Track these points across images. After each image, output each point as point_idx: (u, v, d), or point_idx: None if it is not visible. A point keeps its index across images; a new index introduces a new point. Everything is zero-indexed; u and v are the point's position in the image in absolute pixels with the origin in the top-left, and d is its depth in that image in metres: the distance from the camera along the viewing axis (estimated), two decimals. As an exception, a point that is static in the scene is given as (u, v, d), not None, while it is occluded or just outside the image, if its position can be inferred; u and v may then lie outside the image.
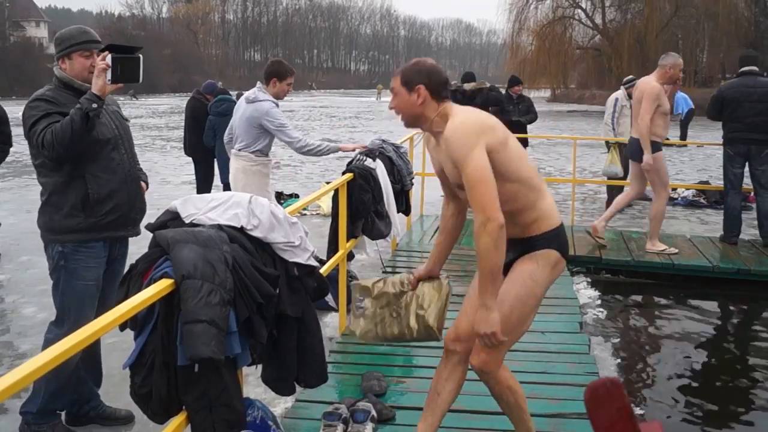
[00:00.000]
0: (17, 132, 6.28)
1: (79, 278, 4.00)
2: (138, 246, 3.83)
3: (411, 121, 3.33)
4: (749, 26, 49.67)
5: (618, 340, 6.40)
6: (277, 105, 6.54)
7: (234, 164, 6.67)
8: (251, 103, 6.47)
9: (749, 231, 10.06)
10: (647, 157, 7.81)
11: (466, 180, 3.07)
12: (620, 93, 11.67)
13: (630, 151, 8.38)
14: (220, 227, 3.11)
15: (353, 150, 6.67)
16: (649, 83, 7.98)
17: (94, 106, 3.69)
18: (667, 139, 12.43)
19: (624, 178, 11.71)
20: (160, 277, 2.82)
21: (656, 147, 7.97)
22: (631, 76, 12.33)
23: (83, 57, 3.94)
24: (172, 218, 3.27)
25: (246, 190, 6.60)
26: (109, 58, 3.68)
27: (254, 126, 6.42)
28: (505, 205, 3.11)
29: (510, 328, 3.24)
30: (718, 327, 7.21)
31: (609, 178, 11.22)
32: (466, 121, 3.16)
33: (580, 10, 53.85)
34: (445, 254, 3.79)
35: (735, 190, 8.90)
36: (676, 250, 8.42)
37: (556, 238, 3.40)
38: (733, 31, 45.40)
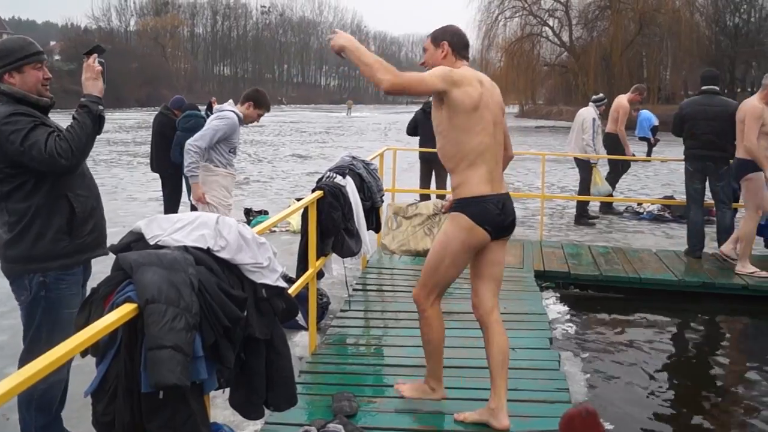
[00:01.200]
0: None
1: (64, 307, 3.78)
2: (101, 265, 3.74)
3: None
4: (710, 45, 50.61)
5: (587, 355, 6.38)
6: (239, 124, 6.63)
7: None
8: (217, 113, 6.58)
9: (712, 244, 10.11)
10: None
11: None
12: (594, 112, 11.64)
13: (736, 173, 8.41)
14: (185, 249, 3.04)
15: (198, 200, 6.58)
16: (751, 104, 8.16)
17: (101, 107, 3.63)
18: (633, 154, 12.57)
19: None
20: (123, 302, 2.73)
21: (754, 167, 8.05)
22: (601, 95, 12.41)
23: (36, 69, 3.73)
24: (136, 239, 3.18)
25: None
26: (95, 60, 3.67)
27: None
28: (442, 159, 4.05)
29: (427, 270, 4.19)
30: (685, 340, 7.25)
31: (597, 196, 11.38)
32: (454, 70, 3.93)
33: (547, 28, 54.56)
34: None
35: (697, 204, 8.98)
36: (767, 274, 8.19)
37: (468, 206, 3.98)
38: (694, 50, 46.18)
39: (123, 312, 2.63)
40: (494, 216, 4.01)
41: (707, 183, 8.88)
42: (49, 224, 3.71)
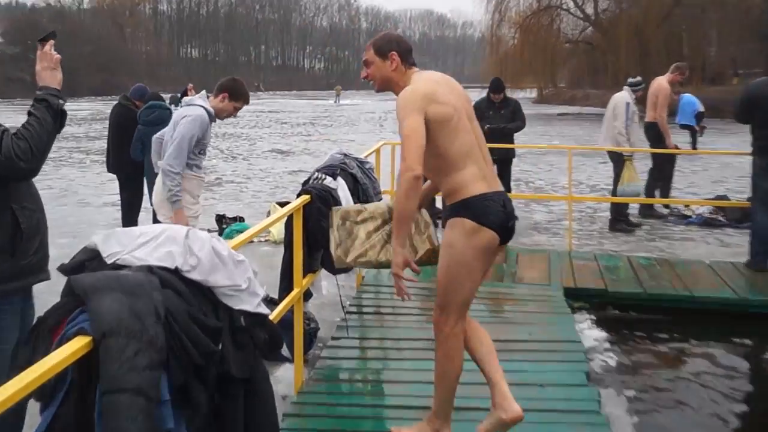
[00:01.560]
0: None
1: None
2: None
3: (383, 86, 4.41)
4: (762, 15, 50.52)
5: (633, 393, 6.27)
6: (211, 120, 6.58)
7: (159, 177, 6.68)
8: (185, 106, 6.54)
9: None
10: None
11: (400, 135, 4.05)
12: (629, 96, 11.64)
13: None
14: (150, 269, 3.01)
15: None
16: None
17: (62, 101, 3.64)
18: (676, 146, 12.53)
19: (647, 195, 11.75)
20: (75, 334, 2.66)
21: None
22: (638, 78, 12.31)
23: None
24: (90, 258, 3.17)
25: (162, 208, 6.53)
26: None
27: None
28: (428, 173, 4.20)
29: (443, 291, 4.26)
30: (751, 373, 7.13)
31: (624, 197, 11.29)
32: (416, 89, 4.15)
33: (569, -1, 54.59)
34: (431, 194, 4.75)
35: (766, 206, 8.87)
36: None
37: (464, 208, 4.12)
38: (744, 21, 46.21)
39: (75, 347, 2.56)
40: (498, 214, 4.15)
41: None
42: None
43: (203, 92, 6.79)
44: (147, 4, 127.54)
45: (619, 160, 11.51)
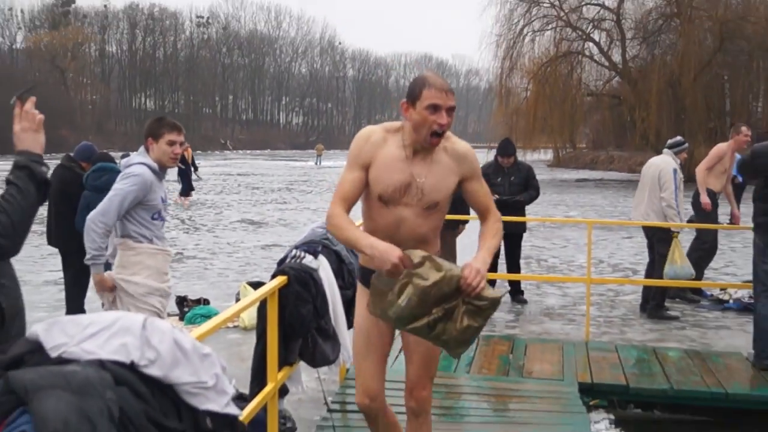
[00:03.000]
0: None
1: None
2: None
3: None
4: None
5: None
6: (156, 175, 6.66)
7: (118, 254, 6.73)
8: (125, 167, 6.64)
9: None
10: None
11: (484, 190, 4.87)
12: (673, 161, 11.70)
13: None
14: (101, 364, 3.03)
15: (103, 291, 6.64)
16: None
17: (45, 169, 3.66)
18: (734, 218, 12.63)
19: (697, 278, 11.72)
20: (15, 440, 2.73)
21: None
22: (679, 138, 12.34)
23: None
24: (31, 350, 3.16)
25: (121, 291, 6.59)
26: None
27: None
28: (438, 230, 4.96)
29: (433, 362, 4.91)
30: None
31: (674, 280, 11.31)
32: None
33: (592, 44, 54.82)
34: None
35: (767, 293, 8.86)
36: None
37: None
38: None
39: (15, 455, 2.63)
40: None
41: None
42: None
43: (141, 148, 6.77)
44: (92, 45, 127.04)
45: (665, 238, 11.48)
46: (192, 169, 34.57)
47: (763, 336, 8.83)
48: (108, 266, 6.67)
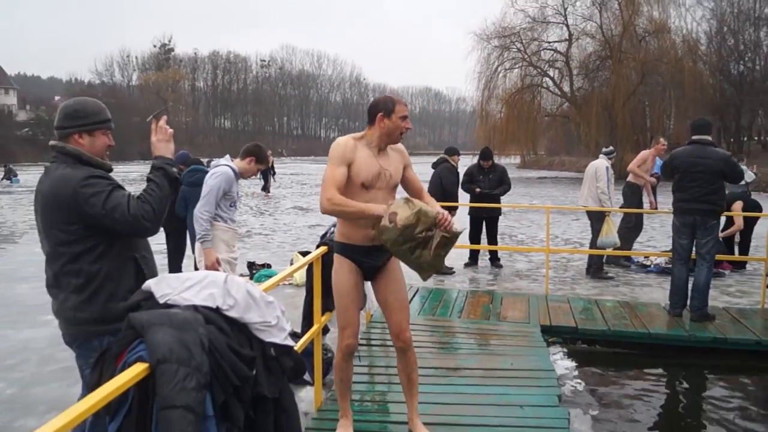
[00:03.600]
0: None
1: None
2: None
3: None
4: (714, 93, 51.02)
5: (597, 412, 6.34)
6: (236, 177, 6.76)
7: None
8: (213, 168, 6.69)
9: (722, 298, 10.12)
10: None
11: (413, 174, 4.95)
12: (606, 162, 11.84)
13: None
14: (195, 308, 3.06)
15: (211, 266, 6.65)
16: None
17: (175, 169, 3.70)
18: (654, 206, 12.64)
19: (622, 248, 11.77)
20: (135, 361, 2.75)
21: None
22: (611, 147, 12.59)
23: (105, 135, 3.78)
24: (145, 298, 3.20)
25: (200, 255, 6.67)
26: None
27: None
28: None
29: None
30: (698, 397, 7.19)
31: (602, 248, 11.35)
32: None
33: (548, 79, 55.01)
34: None
35: (682, 260, 8.77)
36: None
37: None
38: (698, 99, 46.57)
39: (135, 372, 2.65)
40: None
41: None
42: (119, 286, 3.71)
43: (227, 156, 6.96)
44: (186, 81, 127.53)
45: (599, 217, 11.54)
46: (272, 172, 34.87)
47: (677, 291, 8.79)
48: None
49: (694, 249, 8.70)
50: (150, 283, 3.23)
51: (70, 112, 3.71)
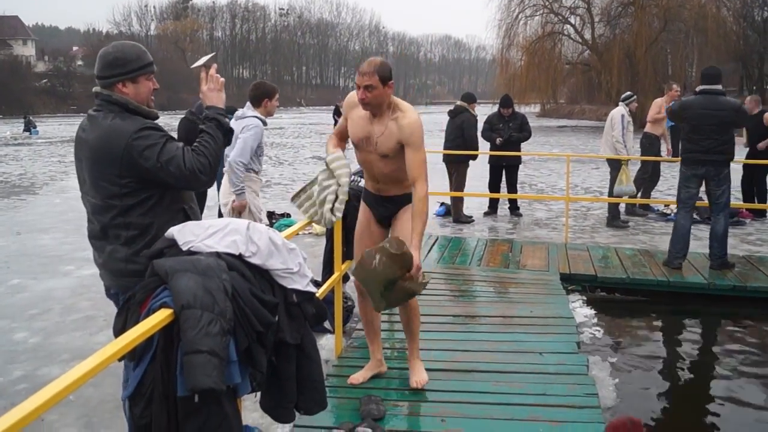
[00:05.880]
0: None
1: None
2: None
3: (376, 109, 4.50)
4: (737, 40, 50.09)
5: (616, 359, 6.37)
6: (264, 123, 6.87)
7: (224, 179, 6.99)
8: (239, 119, 6.72)
9: (742, 246, 10.09)
10: None
11: (418, 159, 4.42)
12: (623, 110, 11.59)
13: None
14: (218, 255, 3.07)
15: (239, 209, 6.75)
16: None
17: (227, 120, 3.60)
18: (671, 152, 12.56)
19: (636, 195, 11.74)
20: (159, 307, 2.80)
21: None
22: (628, 92, 12.31)
23: (149, 80, 3.61)
24: (169, 245, 3.22)
25: (226, 206, 6.76)
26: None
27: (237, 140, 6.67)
28: (398, 180, 4.67)
29: None
30: (715, 345, 7.20)
31: (618, 197, 11.29)
32: (419, 119, 4.51)
33: (569, 26, 54.22)
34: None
35: (687, 209, 8.70)
36: None
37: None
38: (722, 45, 45.75)
39: (159, 317, 2.70)
40: None
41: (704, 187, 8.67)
42: None
43: (248, 104, 6.98)
44: (205, 31, 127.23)
45: (616, 166, 11.44)
46: None
47: (680, 241, 8.68)
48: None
49: (705, 200, 8.66)
50: (173, 231, 3.25)
51: (110, 60, 3.52)
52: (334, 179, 4.73)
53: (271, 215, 11.97)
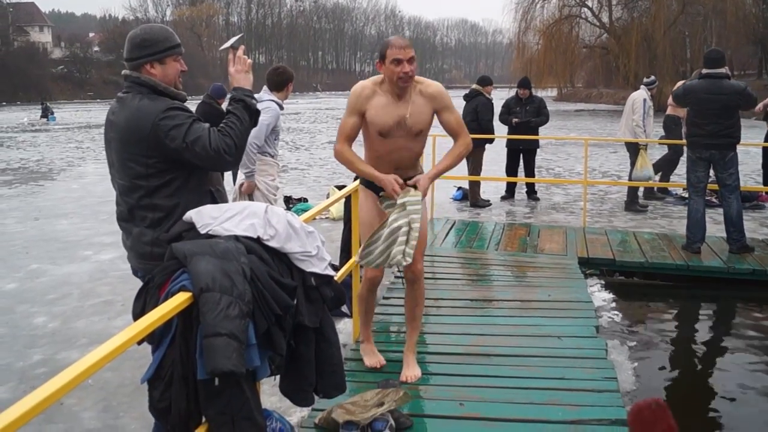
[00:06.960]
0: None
1: None
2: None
3: (409, 85, 4.46)
4: (757, 23, 49.58)
5: (635, 343, 6.35)
6: (281, 107, 6.83)
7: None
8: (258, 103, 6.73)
9: (762, 230, 10.02)
10: None
11: (456, 116, 4.65)
12: (645, 94, 11.52)
13: None
14: (236, 238, 3.08)
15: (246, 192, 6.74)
16: None
17: (255, 101, 3.58)
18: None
19: (656, 179, 11.65)
20: (178, 290, 2.80)
21: None
22: (652, 77, 12.21)
23: (176, 61, 3.57)
24: (187, 229, 3.23)
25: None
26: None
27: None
28: (417, 158, 4.75)
29: (425, 242, 4.93)
30: (733, 328, 7.16)
31: (637, 182, 11.20)
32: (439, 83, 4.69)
33: (586, 9, 53.90)
34: None
35: (698, 192, 8.66)
36: None
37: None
38: (741, 28, 45.37)
39: (178, 301, 2.70)
40: None
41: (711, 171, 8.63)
42: None
43: (265, 88, 6.93)
44: (220, 16, 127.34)
45: (635, 150, 11.36)
46: None
47: (695, 224, 8.65)
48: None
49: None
50: (191, 214, 3.26)
51: (138, 42, 3.50)
52: (405, 219, 4.49)
53: (288, 200, 11.99)
